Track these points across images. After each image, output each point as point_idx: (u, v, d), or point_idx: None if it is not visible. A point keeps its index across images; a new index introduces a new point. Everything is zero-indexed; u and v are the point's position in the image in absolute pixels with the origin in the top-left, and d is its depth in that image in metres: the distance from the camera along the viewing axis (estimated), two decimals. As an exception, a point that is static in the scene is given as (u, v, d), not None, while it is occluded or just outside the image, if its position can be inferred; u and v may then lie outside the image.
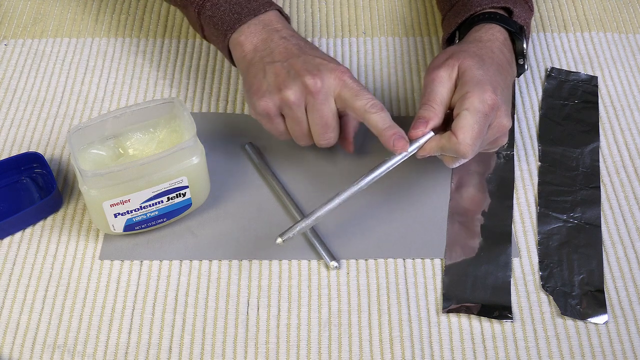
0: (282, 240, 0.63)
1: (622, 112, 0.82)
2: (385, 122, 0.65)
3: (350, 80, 0.66)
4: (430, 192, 0.74)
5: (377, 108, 0.65)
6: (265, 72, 0.67)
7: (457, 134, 0.63)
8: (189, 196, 0.68)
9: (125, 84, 0.83)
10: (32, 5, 0.92)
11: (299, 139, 0.69)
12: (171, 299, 0.66)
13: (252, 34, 0.70)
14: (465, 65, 0.66)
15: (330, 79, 0.66)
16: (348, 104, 0.66)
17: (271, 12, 0.72)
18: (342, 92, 0.66)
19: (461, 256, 0.69)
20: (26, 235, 0.70)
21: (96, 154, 0.66)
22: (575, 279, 0.68)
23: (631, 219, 0.73)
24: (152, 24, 0.90)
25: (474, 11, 0.73)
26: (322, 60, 0.67)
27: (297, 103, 0.66)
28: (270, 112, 0.67)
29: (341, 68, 0.67)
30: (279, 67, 0.67)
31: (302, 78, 0.65)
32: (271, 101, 0.67)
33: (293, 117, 0.67)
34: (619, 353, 0.64)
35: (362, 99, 0.65)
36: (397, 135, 0.64)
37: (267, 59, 0.68)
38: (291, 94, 0.66)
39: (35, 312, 0.65)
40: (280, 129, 0.69)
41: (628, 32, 0.91)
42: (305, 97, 0.66)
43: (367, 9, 0.93)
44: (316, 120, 0.67)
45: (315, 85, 0.65)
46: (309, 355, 0.63)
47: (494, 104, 0.65)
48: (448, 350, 0.63)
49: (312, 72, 0.66)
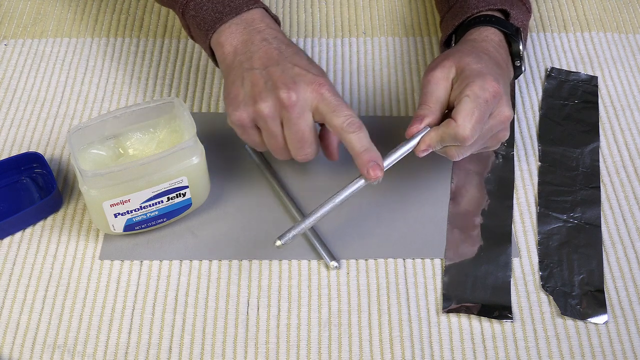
0: (282, 243, 0.63)
1: (622, 112, 0.82)
2: (362, 144, 0.63)
3: (329, 93, 0.64)
4: (430, 192, 0.74)
5: (354, 127, 0.63)
6: (243, 80, 0.65)
7: (457, 118, 0.63)
8: (189, 196, 0.68)
9: (125, 84, 0.83)
10: (32, 5, 0.92)
11: (276, 153, 0.67)
12: (171, 299, 0.66)
13: (232, 35, 0.67)
14: (464, 63, 0.66)
15: (307, 92, 0.63)
16: (325, 119, 0.64)
17: (255, 10, 0.69)
18: (320, 107, 0.64)
19: (461, 256, 0.69)
20: (26, 235, 0.70)
21: (96, 154, 0.66)
22: (575, 279, 0.68)
23: (631, 219, 0.73)
24: (152, 24, 0.90)
25: (470, 13, 0.73)
26: (300, 70, 0.64)
27: (271, 117, 0.64)
28: (244, 124, 0.65)
29: (320, 80, 0.64)
30: (257, 75, 0.64)
31: (277, 91, 0.63)
32: (245, 113, 0.65)
33: (268, 131, 0.65)
34: (619, 353, 0.64)
35: (340, 115, 0.63)
36: (373, 162, 0.62)
37: (246, 64, 0.66)
38: (265, 107, 0.63)
39: (35, 312, 0.65)
40: (255, 140, 0.67)
41: (628, 32, 0.91)
42: (279, 111, 0.64)
43: (367, 9, 0.93)
44: (292, 135, 0.64)
45: (290, 99, 0.63)
46: (309, 355, 0.63)
47: (496, 92, 0.64)
48: (448, 350, 0.63)
49: (288, 84, 0.63)
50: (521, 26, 0.74)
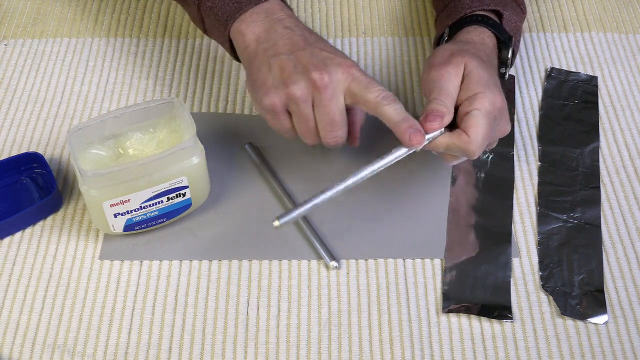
0: (280, 224, 0.61)
1: (622, 112, 0.82)
2: (399, 114, 0.63)
3: (359, 73, 0.64)
4: (430, 193, 0.74)
5: (389, 100, 0.63)
6: (270, 66, 0.65)
7: (469, 132, 0.63)
8: (189, 196, 0.68)
9: (125, 84, 0.83)
10: (32, 5, 0.92)
11: (306, 137, 0.67)
12: (171, 299, 0.66)
13: (253, 23, 0.67)
14: (472, 66, 0.65)
15: (338, 74, 0.63)
16: (358, 97, 0.64)
17: (274, 1, 0.69)
18: (352, 86, 0.64)
19: (461, 256, 0.69)
20: (26, 235, 0.70)
21: (96, 154, 0.66)
22: (575, 279, 0.68)
23: (631, 219, 0.73)
24: (152, 24, 0.90)
25: (464, 13, 0.73)
26: (328, 54, 0.65)
27: (303, 99, 0.63)
28: (276, 109, 0.65)
29: (348, 62, 0.64)
30: (284, 60, 0.64)
31: (309, 73, 0.63)
32: (277, 97, 0.64)
33: (299, 114, 0.65)
34: (619, 353, 0.64)
35: (374, 91, 0.63)
36: (414, 128, 0.62)
37: (271, 51, 0.65)
38: (297, 89, 0.63)
39: (35, 312, 0.65)
40: (286, 125, 0.67)
41: (628, 32, 0.91)
42: (312, 93, 0.63)
43: (367, 9, 0.93)
44: (323, 117, 0.64)
45: (322, 80, 0.63)
46: (309, 355, 0.63)
47: (502, 108, 0.65)
48: (448, 350, 0.63)
49: (319, 66, 0.63)
50: (514, 28, 0.74)
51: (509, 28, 0.74)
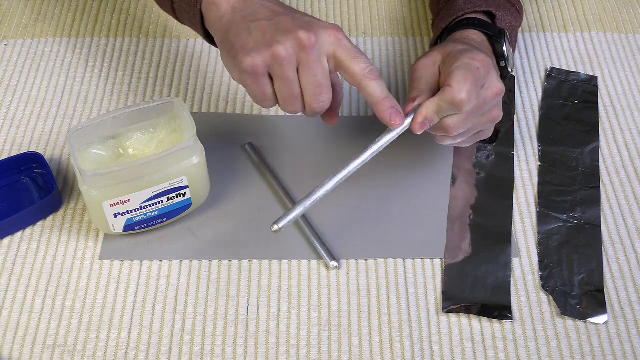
0: (279, 227, 0.60)
1: (622, 112, 0.82)
2: (383, 91, 0.61)
3: (346, 40, 0.61)
4: (430, 192, 0.74)
5: (374, 75, 0.61)
6: (250, 30, 0.60)
7: (452, 83, 0.62)
8: (189, 196, 0.68)
9: (125, 84, 0.83)
10: (32, 5, 0.92)
11: (288, 104, 0.62)
12: (171, 299, 0.66)
13: None
14: (449, 49, 0.66)
15: (325, 36, 0.60)
16: (344, 65, 0.61)
17: None
18: (338, 52, 0.61)
19: (461, 256, 0.69)
20: (26, 235, 0.70)
21: (96, 154, 0.66)
22: (575, 279, 0.68)
23: (631, 219, 0.73)
24: (152, 24, 0.90)
25: (456, 16, 0.74)
26: (311, 18, 0.62)
27: (288, 59, 0.59)
28: (257, 70, 0.60)
29: (335, 26, 0.61)
30: (265, 24, 0.60)
31: (295, 32, 0.59)
32: (259, 57, 0.59)
33: (283, 76, 0.60)
34: (619, 353, 0.64)
35: (360, 62, 0.61)
36: (395, 109, 0.62)
37: (250, 17, 0.61)
38: (282, 49, 0.59)
39: (35, 312, 0.65)
40: (267, 91, 0.62)
41: (628, 32, 0.91)
42: (297, 53, 0.60)
43: (367, 9, 0.93)
44: (310, 79, 0.60)
45: (310, 39, 0.59)
46: (309, 355, 0.63)
47: (485, 61, 0.64)
48: (448, 350, 0.63)
49: (305, 27, 0.60)
50: (509, 27, 0.74)
51: (503, 27, 0.74)
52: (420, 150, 0.76)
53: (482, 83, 0.64)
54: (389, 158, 0.72)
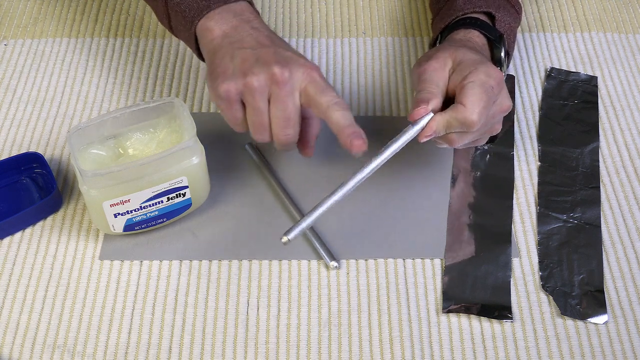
0: (288, 239, 0.61)
1: (622, 112, 0.82)
2: (346, 120, 0.62)
3: (319, 77, 0.64)
4: (430, 193, 0.74)
5: (341, 106, 0.62)
6: (232, 57, 0.64)
7: (465, 102, 0.62)
8: (189, 196, 0.68)
9: (125, 84, 0.83)
10: (32, 5, 0.92)
11: (257, 131, 0.65)
12: (171, 299, 0.66)
13: (222, 20, 0.67)
14: (460, 55, 0.65)
15: (298, 73, 0.63)
16: (312, 99, 0.63)
17: (242, 3, 0.69)
18: (308, 87, 0.63)
19: (461, 256, 0.69)
20: (26, 235, 0.70)
21: (96, 154, 0.66)
22: (575, 279, 0.68)
23: (631, 219, 0.73)
24: (152, 24, 0.90)
25: (455, 15, 0.73)
26: (292, 54, 0.65)
27: (260, 90, 0.62)
28: (230, 96, 0.63)
29: (311, 64, 0.64)
30: (248, 52, 0.64)
31: (270, 66, 0.62)
32: (234, 84, 0.63)
33: (254, 106, 0.63)
34: (619, 353, 0.64)
35: (327, 95, 0.63)
36: (355, 133, 0.62)
37: (237, 44, 0.65)
38: (255, 80, 0.62)
39: (35, 312, 0.65)
40: (239, 116, 0.65)
41: (628, 32, 0.91)
42: (270, 86, 0.63)
43: (367, 9, 0.93)
44: (278, 113, 0.63)
45: (283, 75, 0.62)
46: (309, 355, 0.63)
47: (500, 79, 0.64)
48: (448, 350, 0.63)
49: (281, 62, 0.63)
50: (508, 29, 0.74)
51: (502, 29, 0.73)
52: (420, 150, 0.76)
53: (494, 101, 0.64)
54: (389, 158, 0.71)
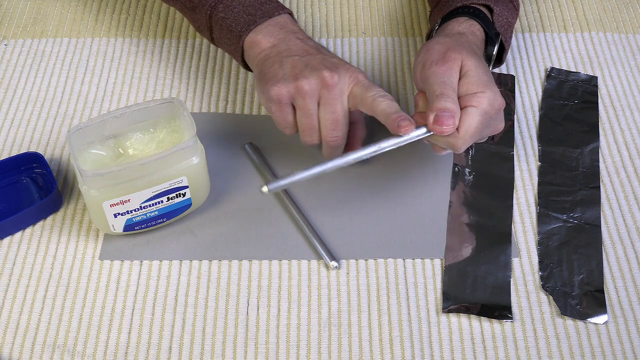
0: (268, 190, 0.62)
1: (622, 112, 0.82)
2: (391, 108, 0.65)
3: (364, 78, 0.67)
4: (430, 193, 0.74)
5: (385, 98, 0.65)
6: (282, 63, 0.68)
7: (460, 128, 0.63)
8: (189, 196, 0.68)
9: (125, 84, 0.83)
10: (32, 5, 0.92)
11: (306, 134, 0.69)
12: (171, 299, 0.66)
13: (269, 34, 0.71)
14: (470, 64, 0.65)
15: (346, 77, 0.67)
16: (358, 98, 0.66)
17: (285, 15, 0.73)
18: (354, 89, 0.67)
19: (461, 256, 0.69)
20: (26, 235, 0.70)
21: (96, 154, 0.66)
22: (575, 279, 0.68)
23: (631, 219, 0.73)
24: (152, 24, 0.90)
25: (454, 6, 0.74)
26: (339, 61, 0.68)
27: (310, 94, 0.66)
28: (282, 99, 0.67)
29: (356, 69, 0.68)
30: (297, 60, 0.67)
31: (320, 71, 0.66)
32: (285, 88, 0.66)
33: (304, 108, 0.67)
34: (619, 353, 0.64)
35: (372, 91, 0.66)
36: (402, 117, 0.63)
37: (285, 53, 0.69)
38: (306, 83, 0.66)
39: (35, 312, 0.65)
40: (289, 119, 0.68)
41: (628, 32, 0.91)
42: (319, 90, 0.66)
43: (367, 9, 0.93)
44: (327, 115, 0.67)
45: (332, 79, 0.66)
46: (309, 355, 0.63)
47: (501, 106, 0.65)
48: (448, 350, 0.64)
49: (330, 67, 0.67)
50: (505, 23, 0.74)
51: (500, 23, 0.74)
52: (421, 150, 0.76)
53: (488, 125, 0.65)
54: (389, 158, 0.72)
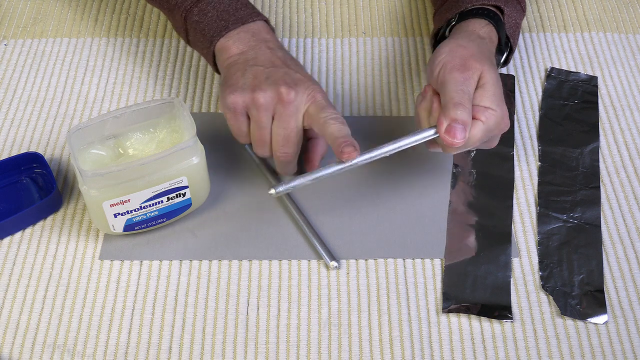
0: (275, 192, 0.63)
1: (622, 112, 0.82)
2: (340, 132, 0.64)
3: (321, 97, 0.67)
4: (430, 193, 0.74)
5: (337, 120, 0.65)
6: (244, 72, 0.68)
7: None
8: (189, 196, 0.68)
9: (125, 84, 0.83)
10: (32, 5, 0.92)
11: (258, 146, 0.69)
12: (171, 299, 0.66)
13: (240, 40, 0.71)
14: (488, 77, 0.65)
15: (304, 95, 0.67)
16: (312, 117, 0.66)
17: (259, 22, 0.72)
18: (310, 107, 0.67)
19: (461, 256, 0.69)
20: (26, 235, 0.70)
21: (96, 154, 0.66)
22: (575, 279, 0.68)
23: (631, 219, 0.73)
24: (152, 24, 0.90)
25: (464, 7, 0.73)
26: (301, 77, 0.68)
27: (265, 107, 0.66)
28: (237, 108, 0.67)
29: (317, 87, 0.68)
30: (260, 70, 0.68)
31: (279, 86, 0.66)
32: (241, 97, 0.67)
33: (257, 121, 0.67)
34: (619, 353, 0.64)
35: (326, 112, 0.66)
36: (347, 142, 0.63)
37: (251, 62, 0.69)
38: (262, 96, 0.66)
39: (35, 312, 0.65)
40: (242, 128, 0.69)
41: (628, 32, 0.91)
42: (274, 104, 0.66)
43: (367, 9, 0.93)
44: (280, 131, 0.67)
45: (289, 95, 0.66)
46: (309, 355, 0.63)
47: (503, 130, 0.66)
48: (448, 350, 0.63)
49: (289, 83, 0.66)
50: (514, 25, 0.74)
51: (509, 24, 0.74)
52: (421, 150, 0.76)
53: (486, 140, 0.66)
54: (389, 158, 0.71)
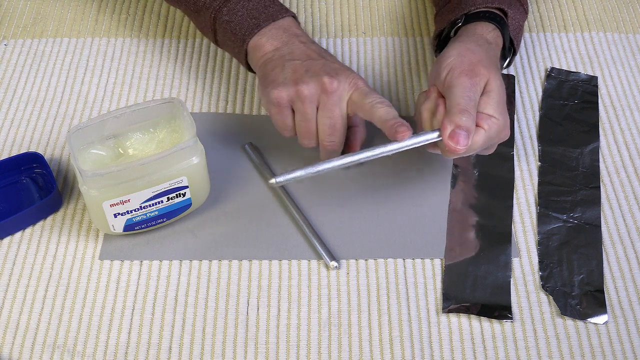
0: (276, 182, 0.64)
1: (622, 112, 0.82)
2: (389, 114, 0.65)
3: (363, 84, 0.68)
4: (430, 193, 0.74)
5: (383, 104, 0.66)
6: (283, 67, 0.69)
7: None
8: (189, 196, 0.68)
9: (125, 84, 0.83)
10: (32, 5, 0.92)
11: (304, 137, 0.69)
12: (171, 299, 0.66)
13: (272, 37, 0.71)
14: (494, 85, 0.66)
15: (345, 83, 0.67)
16: (357, 104, 0.67)
17: (288, 18, 0.73)
18: (354, 95, 0.67)
19: (461, 256, 0.69)
20: (26, 235, 0.70)
21: (96, 154, 0.66)
22: (575, 279, 0.68)
23: (631, 219, 0.73)
24: (152, 24, 0.90)
25: (467, 10, 0.73)
26: (339, 66, 0.69)
27: (310, 98, 0.67)
28: (281, 102, 0.68)
29: (357, 75, 0.68)
30: (298, 64, 0.68)
31: (320, 77, 0.67)
32: (285, 92, 0.67)
33: (303, 113, 0.68)
34: (619, 353, 0.64)
35: (371, 97, 0.67)
36: (398, 123, 0.64)
37: (288, 56, 0.69)
38: (306, 88, 0.67)
39: (35, 312, 0.65)
40: (288, 122, 0.69)
41: (628, 32, 0.91)
42: (319, 95, 0.67)
43: (367, 9, 0.93)
44: (325, 120, 0.67)
45: (332, 85, 0.66)
46: (309, 355, 0.63)
47: (503, 139, 0.67)
48: (448, 350, 0.64)
49: (331, 73, 0.67)
50: (517, 27, 0.74)
51: (512, 27, 0.74)
52: (421, 150, 0.76)
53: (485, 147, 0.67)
54: (389, 158, 0.72)
